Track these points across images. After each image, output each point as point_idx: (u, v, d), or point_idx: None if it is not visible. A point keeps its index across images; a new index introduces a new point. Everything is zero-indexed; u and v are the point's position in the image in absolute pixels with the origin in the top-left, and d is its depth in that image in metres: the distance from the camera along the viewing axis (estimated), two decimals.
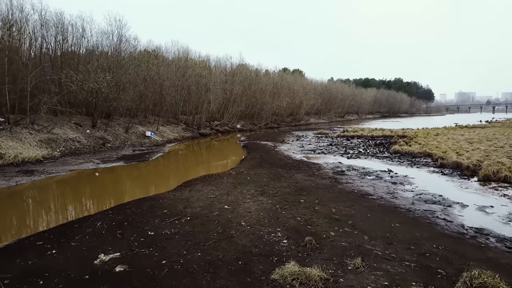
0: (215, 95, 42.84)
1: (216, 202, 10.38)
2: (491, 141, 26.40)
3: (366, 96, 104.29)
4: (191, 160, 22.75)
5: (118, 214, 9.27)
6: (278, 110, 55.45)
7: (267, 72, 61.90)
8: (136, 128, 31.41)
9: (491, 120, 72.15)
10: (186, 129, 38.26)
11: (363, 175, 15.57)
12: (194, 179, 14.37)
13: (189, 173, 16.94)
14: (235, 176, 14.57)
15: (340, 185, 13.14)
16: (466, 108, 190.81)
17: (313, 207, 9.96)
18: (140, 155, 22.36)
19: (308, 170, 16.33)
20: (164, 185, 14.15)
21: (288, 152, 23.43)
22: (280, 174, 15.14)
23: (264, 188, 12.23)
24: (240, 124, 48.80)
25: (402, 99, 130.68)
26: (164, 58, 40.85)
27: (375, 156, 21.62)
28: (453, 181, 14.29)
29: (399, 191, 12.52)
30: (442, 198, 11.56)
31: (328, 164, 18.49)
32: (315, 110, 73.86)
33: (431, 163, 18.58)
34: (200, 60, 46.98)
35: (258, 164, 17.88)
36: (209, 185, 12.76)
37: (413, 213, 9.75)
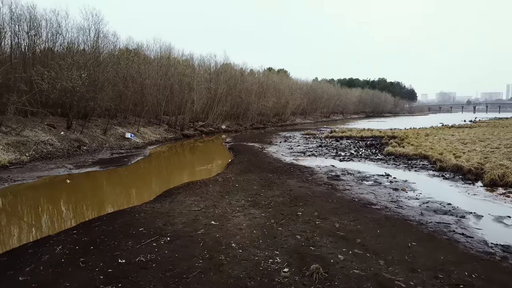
0: (199, 95, 41.28)
1: (201, 216, 8.99)
2: (484, 141, 25.69)
3: (351, 96, 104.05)
4: (173, 164, 21.23)
5: (85, 234, 7.79)
6: (264, 110, 54.21)
7: (251, 72, 60.57)
8: (115, 129, 29.66)
9: (475, 120, 72.53)
10: (169, 130, 36.61)
11: (360, 180, 14.40)
12: (176, 187, 12.92)
13: (171, 180, 15.48)
14: (222, 183, 13.19)
15: (338, 193, 11.91)
16: (448, 108, 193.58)
17: (313, 221, 8.68)
18: (118, 159, 20.75)
19: (300, 175, 15.08)
20: (142, 195, 12.67)
21: (277, 154, 22.16)
22: (271, 180, 13.83)
23: (255, 198, 10.89)
24: (225, 124, 47.35)
25: (387, 99, 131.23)
26: (145, 56, 39.10)
27: (368, 158, 20.54)
28: (458, 187, 13.24)
29: (402, 199, 11.37)
30: (452, 207, 10.45)
31: (320, 167, 17.29)
32: (301, 110, 72.92)
33: (429, 166, 17.58)
34: (184, 59, 45.34)
35: (246, 169, 16.53)
36: (193, 195, 11.35)
37: (426, 226, 8.57)
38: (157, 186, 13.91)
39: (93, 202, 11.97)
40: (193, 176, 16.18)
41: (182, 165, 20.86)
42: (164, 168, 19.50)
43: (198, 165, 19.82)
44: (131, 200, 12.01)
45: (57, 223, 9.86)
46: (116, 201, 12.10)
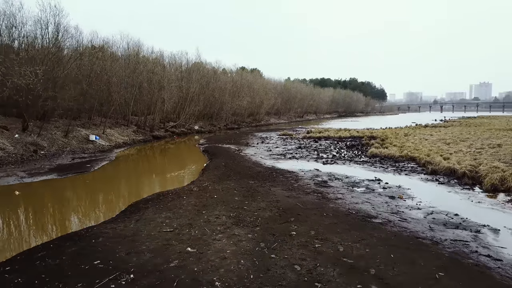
0: (170, 94, 39.19)
1: (175, 240, 7.31)
2: (465, 141, 25.15)
3: (324, 95, 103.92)
4: (142, 170, 19.23)
5: (20, 274, 5.95)
6: (239, 110, 52.57)
7: (224, 71, 58.73)
8: (78, 131, 27.22)
9: (446, 119, 73.73)
10: (138, 131, 34.33)
11: (350, 186, 13.07)
12: (144, 199, 11.11)
13: (139, 190, 13.65)
14: (197, 193, 11.49)
15: (330, 203, 10.49)
16: (416, 108, 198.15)
17: (311, 243, 7.18)
18: (80, 165, 18.61)
19: (285, 182, 13.59)
20: (103, 210, 10.81)
21: (255, 157, 20.60)
22: (253, 188, 12.25)
23: (238, 213, 9.28)
24: (198, 125, 45.36)
25: (358, 99, 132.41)
26: (112, 52, 36.59)
27: (352, 160, 19.34)
28: (457, 193, 12.13)
29: (403, 209, 10.09)
30: (461, 218, 9.25)
31: (304, 172, 15.88)
32: (275, 110, 71.71)
33: (419, 169, 16.53)
34: (154, 57, 43.01)
35: (224, 175, 14.88)
36: (164, 210, 9.61)
37: (443, 246, 7.26)
38: (122, 199, 12.07)
39: (42, 222, 9.95)
40: (164, 185, 14.39)
41: (151, 171, 18.92)
42: (131, 175, 17.52)
43: (170, 171, 17.95)
44: (89, 218, 10.10)
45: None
46: (70, 220, 10.13)
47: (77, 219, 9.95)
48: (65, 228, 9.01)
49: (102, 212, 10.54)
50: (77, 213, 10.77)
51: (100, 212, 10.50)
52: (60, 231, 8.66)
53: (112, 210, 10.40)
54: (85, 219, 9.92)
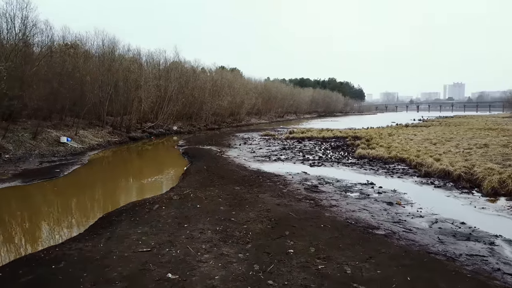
0: (147, 93, 37.65)
1: (152, 263, 6.17)
2: (450, 141, 24.83)
3: (303, 95, 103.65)
4: (116, 175, 17.79)
5: None
6: (219, 110, 51.28)
7: (203, 70, 57.27)
8: (48, 132, 25.45)
9: (424, 119, 74.55)
10: (113, 132, 32.65)
11: (343, 191, 12.19)
12: (118, 210, 9.86)
13: (112, 198, 12.38)
14: (178, 202, 10.33)
15: (326, 212, 9.54)
16: (393, 107, 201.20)
17: (313, 264, 6.19)
18: (48, 169, 17.13)
19: (273, 187, 12.59)
20: (70, 224, 9.53)
21: (239, 159, 19.53)
22: (240, 195, 11.19)
23: (225, 226, 8.21)
24: (177, 125, 43.87)
25: (338, 99, 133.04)
26: (86, 50, 34.75)
27: (340, 162, 18.53)
28: (457, 197, 11.41)
29: (405, 217, 9.25)
30: (469, 228, 8.47)
31: (292, 175, 14.94)
32: (256, 110, 70.72)
33: (411, 171, 15.84)
34: (130, 56, 41.27)
35: (207, 180, 13.75)
36: (140, 223, 8.43)
37: (461, 263, 6.40)
38: (93, 210, 10.80)
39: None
40: (140, 192, 13.14)
41: (127, 176, 17.57)
42: (104, 181, 16.14)
43: (147, 176, 16.64)
44: (51, 235, 8.78)
45: None
46: (29, 238, 8.77)
47: (37, 237, 8.61)
48: (20, 250, 7.71)
49: (68, 227, 9.24)
50: (39, 229, 9.40)
51: (66, 227, 9.20)
52: (15, 253, 7.37)
53: (80, 225, 9.14)
54: (47, 236, 8.60)
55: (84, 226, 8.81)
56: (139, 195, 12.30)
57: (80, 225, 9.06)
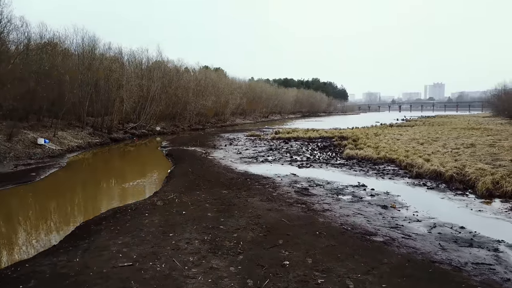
0: (129, 93, 36.69)
1: (135, 281, 5.54)
2: (437, 141, 24.80)
3: (288, 96, 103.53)
4: (96, 179, 16.88)
5: None
6: (203, 110, 50.44)
7: (187, 69, 56.30)
8: (24, 134, 24.32)
9: (407, 119, 75.27)
10: (94, 133, 31.57)
11: (335, 194, 11.75)
12: (97, 218, 9.15)
13: (91, 204, 11.63)
14: (162, 209, 9.69)
15: (319, 217, 9.06)
16: (376, 107, 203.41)
17: (311, 278, 5.67)
18: (23, 173, 16.20)
19: (262, 190, 12.06)
20: (43, 235, 8.77)
21: (225, 161, 18.93)
22: (228, 200, 10.61)
23: (213, 234, 7.62)
24: (160, 126, 42.89)
25: (322, 99, 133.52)
26: (65, 48, 33.52)
27: (329, 163, 18.14)
28: (451, 200, 11.10)
29: (401, 222, 8.85)
30: (470, 232, 8.12)
31: (281, 177, 14.45)
32: (241, 110, 70.11)
33: (402, 172, 15.54)
34: (112, 55, 40.15)
35: (192, 183, 13.11)
36: (121, 233, 7.77)
37: (468, 273, 5.99)
38: (69, 217, 10.06)
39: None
40: (122, 197, 12.40)
41: (107, 180, 16.74)
42: (83, 186, 15.30)
43: (129, 179, 15.85)
44: (22, 247, 8.01)
45: None
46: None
47: (4, 251, 7.82)
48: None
49: (41, 238, 8.48)
50: (7, 241, 8.56)
51: (39, 239, 8.43)
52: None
53: (55, 235, 8.41)
54: (17, 250, 7.83)
55: (59, 237, 8.10)
56: (120, 201, 11.58)
57: (55, 236, 8.33)
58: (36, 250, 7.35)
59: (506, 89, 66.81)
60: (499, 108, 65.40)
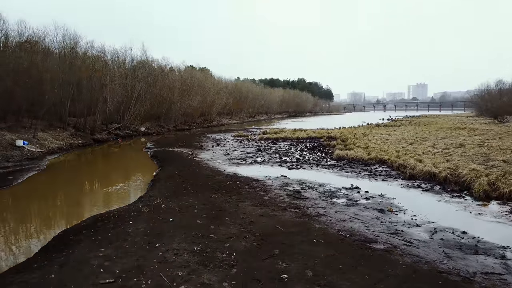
0: (113, 92, 35.70)
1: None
2: (426, 141, 24.70)
3: (274, 96, 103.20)
4: (77, 183, 16.01)
5: None
6: (189, 110, 49.60)
7: (172, 69, 55.35)
8: (2, 135, 23.26)
9: (393, 118, 75.82)
10: (76, 134, 30.53)
11: (328, 197, 11.32)
12: (77, 227, 8.49)
13: (71, 212, 10.90)
14: (148, 215, 9.08)
15: (315, 223, 8.59)
16: (361, 107, 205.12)
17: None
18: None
19: (253, 194, 11.54)
20: (16, 247, 8.04)
21: (213, 163, 18.34)
22: (218, 205, 10.06)
23: (204, 244, 7.06)
24: (145, 126, 41.92)
25: (307, 99, 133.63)
26: (45, 46, 32.37)
27: (319, 164, 17.73)
28: (448, 202, 10.78)
29: (400, 227, 8.46)
30: (473, 238, 7.76)
31: (272, 179, 13.96)
32: (227, 110, 69.40)
33: (394, 173, 15.23)
34: (95, 54, 39.05)
35: (179, 187, 12.51)
36: (103, 244, 7.15)
37: (479, 284, 5.60)
38: (47, 226, 9.34)
39: None
40: (104, 203, 11.71)
41: (89, 184, 15.96)
42: (63, 191, 14.49)
43: (113, 183, 15.11)
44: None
45: None
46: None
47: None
48: None
49: (14, 251, 7.77)
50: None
51: (11, 252, 7.71)
52: None
53: (29, 247, 7.72)
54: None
55: (34, 249, 7.41)
56: (102, 207, 10.90)
57: (29, 248, 7.64)
58: (7, 265, 6.66)
59: (489, 89, 67.84)
60: (482, 108, 66.35)
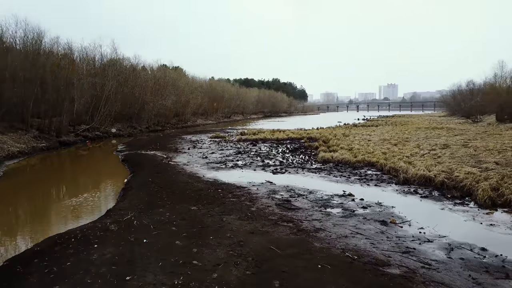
0: (81, 92, 33.54)
1: None
2: (409, 142, 24.13)
3: (250, 95, 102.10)
4: (35, 194, 14.12)
5: None
6: (163, 111, 47.69)
7: (144, 68, 53.20)
8: None
9: (367, 118, 76.28)
10: (40, 136, 28.28)
11: (322, 207, 10.20)
12: (26, 255, 6.94)
13: (22, 232, 9.29)
14: (117, 236, 7.65)
15: (314, 241, 7.43)
16: (334, 107, 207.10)
17: None
18: None
19: (238, 204, 10.27)
20: None
21: (190, 167, 16.92)
22: (199, 219, 8.73)
23: (186, 276, 5.74)
24: (116, 127, 39.81)
25: (283, 99, 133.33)
26: (3, 42, 29.93)
27: (305, 168, 16.65)
28: (453, 210, 9.85)
29: (411, 243, 7.43)
30: (496, 257, 6.80)
31: (256, 186, 12.75)
32: (202, 111, 67.67)
33: (385, 177, 14.30)
34: (61, 51, 36.70)
35: (154, 197, 11.08)
36: (57, 278, 5.69)
37: None
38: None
39: None
40: (65, 219, 10.12)
41: (50, 195, 14.17)
42: (17, 204, 12.70)
43: (77, 193, 13.41)
44: None
45: None
46: None
47: None
48: None
49: None
50: None
51: None
52: None
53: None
54: None
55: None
56: (63, 224, 9.35)
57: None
58: None
59: (460, 89, 69.14)
60: (454, 108, 67.56)
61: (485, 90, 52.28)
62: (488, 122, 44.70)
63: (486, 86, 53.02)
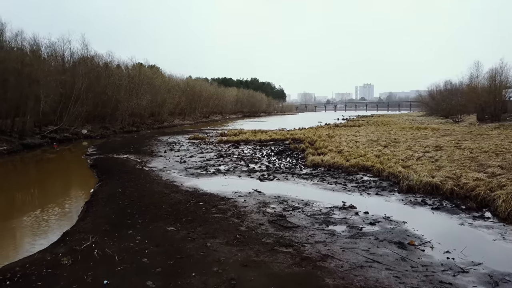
0: (48, 90, 30.99)
1: None
2: (398, 143, 23.00)
3: (228, 95, 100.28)
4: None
5: None
6: (137, 110, 45.36)
7: (118, 66, 50.64)
8: None
9: (347, 118, 75.89)
10: (0, 139, 25.79)
11: (322, 223, 8.67)
12: None
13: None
14: (70, 273, 5.85)
15: (325, 275, 5.86)
16: (312, 107, 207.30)
17: None
18: None
19: (224, 222, 8.62)
20: None
21: (167, 173, 15.12)
22: (178, 246, 7.02)
23: None
24: (87, 128, 37.32)
25: (262, 99, 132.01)
26: None
27: (294, 173, 15.14)
28: (474, 226, 8.49)
29: (443, 275, 5.97)
30: None
31: (243, 196, 11.15)
32: (179, 110, 65.37)
33: (386, 184, 12.91)
34: (26, 46, 34.06)
35: (122, 214, 9.27)
36: None
37: None
38: None
39: None
40: (7, 247, 8.22)
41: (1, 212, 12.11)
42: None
43: (29, 208, 11.32)
44: None
45: None
46: None
47: None
48: None
49: None
50: None
51: None
52: None
53: None
54: None
55: None
56: (2, 256, 7.44)
57: None
58: None
59: (439, 89, 69.45)
60: (433, 108, 67.71)
61: (465, 90, 52.25)
62: (470, 122, 44.57)
63: (466, 86, 53.01)
